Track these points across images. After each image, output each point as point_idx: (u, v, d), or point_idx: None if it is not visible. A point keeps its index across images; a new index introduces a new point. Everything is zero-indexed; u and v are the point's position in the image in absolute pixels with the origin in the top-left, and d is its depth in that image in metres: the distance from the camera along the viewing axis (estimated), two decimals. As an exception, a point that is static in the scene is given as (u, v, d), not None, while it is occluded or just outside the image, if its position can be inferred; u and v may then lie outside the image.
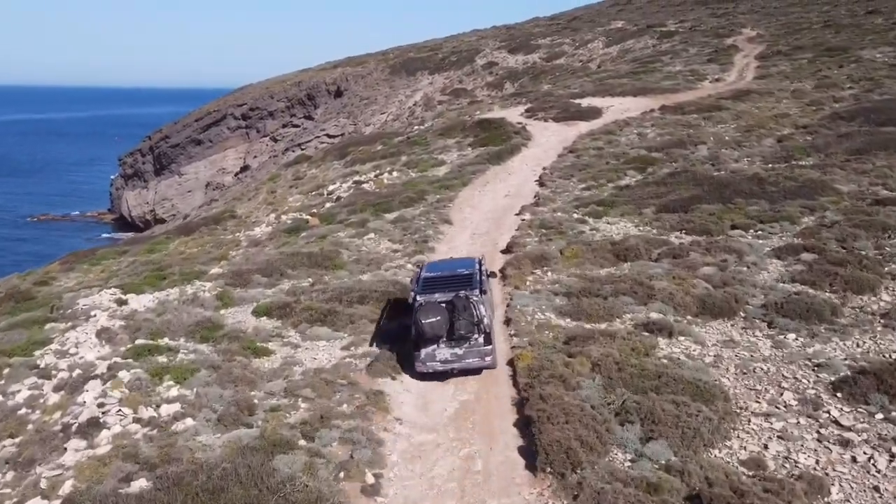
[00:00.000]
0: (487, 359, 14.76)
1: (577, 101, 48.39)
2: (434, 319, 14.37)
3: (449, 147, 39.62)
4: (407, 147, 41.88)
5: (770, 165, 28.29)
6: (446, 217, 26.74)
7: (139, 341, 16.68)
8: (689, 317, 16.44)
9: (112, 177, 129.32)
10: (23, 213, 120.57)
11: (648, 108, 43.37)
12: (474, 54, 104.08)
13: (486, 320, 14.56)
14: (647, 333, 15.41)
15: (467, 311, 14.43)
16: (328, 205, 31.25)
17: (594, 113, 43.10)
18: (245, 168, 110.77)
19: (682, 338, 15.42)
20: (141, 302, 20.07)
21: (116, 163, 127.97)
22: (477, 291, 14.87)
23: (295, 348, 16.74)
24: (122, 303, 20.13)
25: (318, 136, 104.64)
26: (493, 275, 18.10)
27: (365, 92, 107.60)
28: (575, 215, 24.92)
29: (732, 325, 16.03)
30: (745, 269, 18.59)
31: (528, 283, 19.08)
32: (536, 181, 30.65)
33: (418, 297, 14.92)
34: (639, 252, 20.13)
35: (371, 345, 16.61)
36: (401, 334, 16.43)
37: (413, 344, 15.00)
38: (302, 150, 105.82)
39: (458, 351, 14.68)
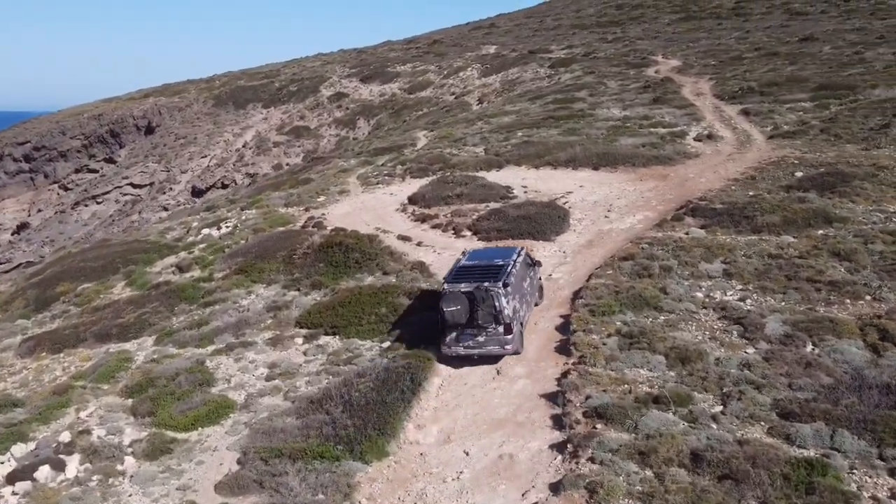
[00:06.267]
0: (507, 346, 14.33)
1: (495, 176, 25.93)
2: (455, 308, 13.95)
3: (252, 322, 15.85)
4: (166, 304, 17.73)
5: None
6: None
7: None
8: None
9: None
10: None
11: (648, 201, 21.48)
12: (319, 83, 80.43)
13: (505, 311, 13.92)
14: None
15: (486, 303, 13.91)
16: None
17: (550, 216, 20.57)
18: (24, 226, 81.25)
19: None
20: None
21: None
22: (500, 283, 14.09)
23: None
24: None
25: (120, 186, 77.38)
26: (537, 263, 17.00)
27: (182, 129, 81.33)
28: None
29: None
30: None
31: None
32: None
33: (445, 286, 14.43)
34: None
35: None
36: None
37: (440, 329, 14.57)
38: (98, 203, 78.01)
39: (480, 338, 14.29)
